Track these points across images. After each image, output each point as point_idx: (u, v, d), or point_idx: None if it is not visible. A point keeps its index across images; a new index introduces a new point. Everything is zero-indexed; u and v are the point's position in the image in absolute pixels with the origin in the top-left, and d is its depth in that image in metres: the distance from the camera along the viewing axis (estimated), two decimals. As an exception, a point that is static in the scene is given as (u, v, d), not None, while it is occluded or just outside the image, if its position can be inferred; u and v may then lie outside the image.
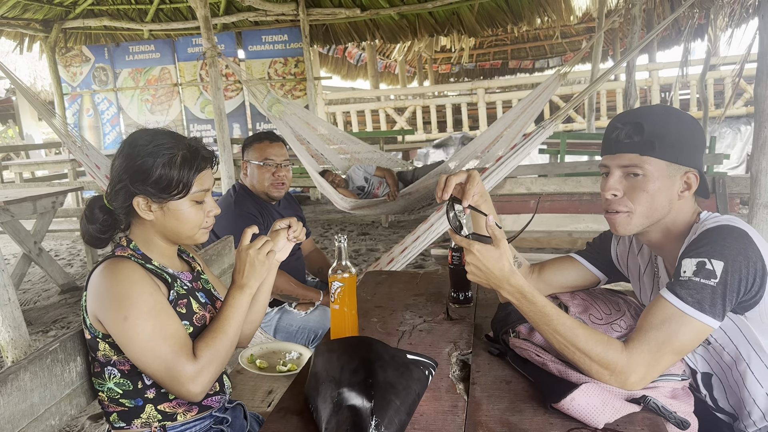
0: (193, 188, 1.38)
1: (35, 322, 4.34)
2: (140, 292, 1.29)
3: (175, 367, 1.27)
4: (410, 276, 2.17)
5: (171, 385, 1.29)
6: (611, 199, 1.31)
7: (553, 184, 3.57)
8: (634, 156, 1.27)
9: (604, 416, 1.08)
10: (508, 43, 18.45)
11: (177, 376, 1.27)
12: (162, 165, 1.34)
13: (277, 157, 2.60)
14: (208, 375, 1.30)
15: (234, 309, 1.39)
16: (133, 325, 1.26)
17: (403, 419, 1.09)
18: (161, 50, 9.39)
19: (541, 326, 1.23)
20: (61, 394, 1.34)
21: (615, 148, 1.30)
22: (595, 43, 7.04)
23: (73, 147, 4.36)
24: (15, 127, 17.04)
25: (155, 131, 1.42)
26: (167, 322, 1.30)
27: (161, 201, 1.37)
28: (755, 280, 1.16)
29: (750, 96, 9.20)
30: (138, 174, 1.35)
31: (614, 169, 1.30)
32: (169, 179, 1.34)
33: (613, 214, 1.32)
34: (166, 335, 1.28)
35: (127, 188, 1.36)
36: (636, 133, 1.27)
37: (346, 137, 6.48)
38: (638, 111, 1.32)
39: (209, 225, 1.46)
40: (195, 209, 1.41)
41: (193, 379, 1.28)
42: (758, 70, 2.61)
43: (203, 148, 1.43)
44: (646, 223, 1.31)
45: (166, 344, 1.28)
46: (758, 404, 1.29)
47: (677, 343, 1.14)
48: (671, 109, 1.33)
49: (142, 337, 1.27)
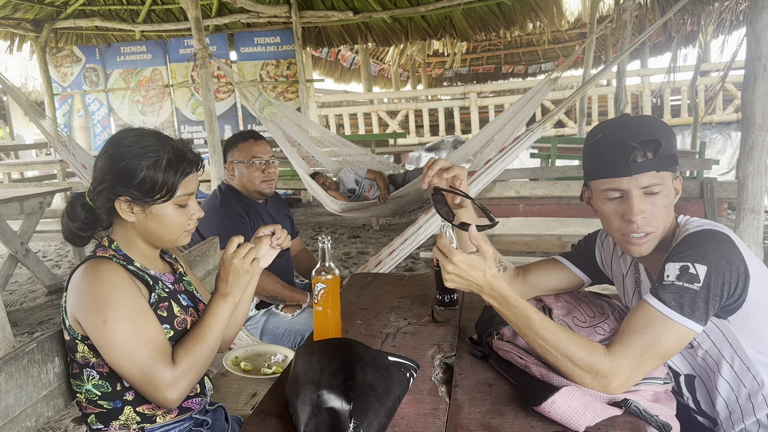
0: (178, 192, 1.36)
1: (21, 323, 4.30)
2: (121, 294, 1.27)
3: (153, 373, 1.25)
4: (397, 278, 2.16)
5: (147, 390, 1.27)
6: (641, 223, 1.25)
7: (543, 187, 3.58)
8: (652, 174, 1.22)
9: (585, 419, 1.07)
10: (501, 48, 18.51)
11: (154, 382, 1.25)
12: (146, 168, 1.31)
13: (264, 155, 2.58)
14: (185, 382, 1.29)
15: (216, 317, 1.37)
16: (112, 328, 1.24)
17: (382, 422, 1.08)
18: (153, 51, 9.36)
19: (523, 330, 1.22)
20: (37, 396, 1.31)
21: (632, 169, 1.22)
22: (586, 48, 7.06)
23: (59, 147, 4.33)
24: (5, 128, 16.94)
25: (141, 131, 1.39)
26: (147, 327, 1.28)
27: (144, 204, 1.34)
28: (738, 284, 1.16)
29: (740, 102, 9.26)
30: (121, 176, 1.32)
31: (634, 190, 1.24)
32: (153, 183, 1.32)
33: (641, 237, 1.27)
34: (145, 340, 1.26)
35: (109, 189, 1.33)
36: (651, 150, 1.22)
37: (337, 140, 6.47)
38: (642, 126, 1.25)
39: (191, 228, 1.44)
40: (178, 213, 1.39)
41: (170, 385, 1.26)
42: (746, 76, 2.63)
43: (190, 151, 1.40)
44: (661, 238, 1.29)
45: (144, 349, 1.26)
46: (740, 407, 1.29)
47: (660, 348, 1.14)
48: (657, 118, 1.33)
49: (120, 341, 1.25)
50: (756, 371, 1.24)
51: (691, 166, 5.92)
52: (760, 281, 1.20)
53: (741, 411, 1.29)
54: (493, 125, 4.99)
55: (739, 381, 1.27)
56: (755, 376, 1.25)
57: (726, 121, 9.46)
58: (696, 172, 6.28)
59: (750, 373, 1.25)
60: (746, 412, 1.28)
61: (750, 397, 1.26)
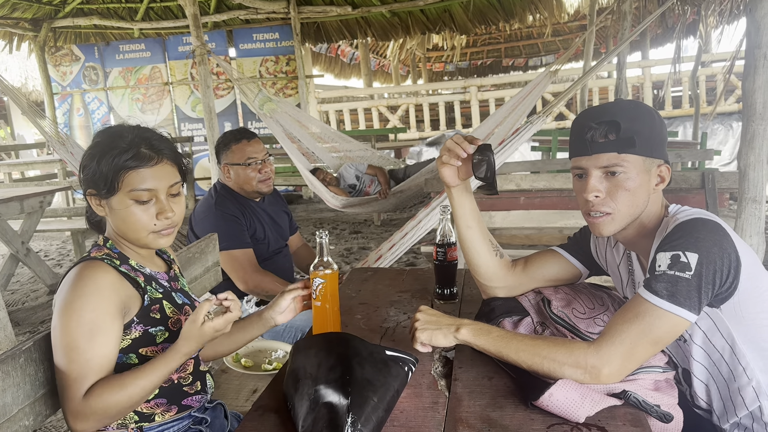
0: (128, 186, 1.30)
1: (23, 322, 4.30)
2: (82, 304, 1.23)
3: (67, 394, 1.22)
4: (396, 273, 2.16)
5: (62, 407, 1.25)
6: (595, 201, 1.28)
7: (544, 180, 3.56)
8: (612, 155, 1.24)
9: (584, 409, 1.07)
10: (501, 41, 18.46)
11: (62, 403, 1.23)
12: (94, 158, 1.31)
13: (258, 154, 2.56)
14: (92, 422, 1.22)
15: (155, 370, 1.26)
16: (57, 335, 1.23)
17: (380, 416, 1.08)
18: (152, 49, 9.33)
19: (503, 351, 1.23)
20: (35, 394, 1.31)
21: (591, 149, 1.26)
22: (586, 40, 7.04)
23: (57, 146, 4.34)
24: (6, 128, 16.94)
25: (119, 125, 1.38)
26: (84, 347, 1.22)
27: (101, 198, 1.34)
28: (730, 271, 1.15)
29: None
30: (85, 166, 1.34)
31: (592, 170, 1.27)
32: (96, 173, 1.31)
33: (597, 217, 1.29)
34: (75, 358, 1.21)
35: (82, 182, 1.36)
36: (612, 131, 1.23)
37: (337, 135, 6.47)
38: (608, 108, 1.29)
39: (161, 230, 1.36)
40: (138, 210, 1.32)
41: (75, 415, 1.21)
42: (746, 65, 2.61)
43: (147, 143, 1.33)
44: (627, 222, 1.29)
45: (70, 367, 1.21)
46: (732, 399, 1.28)
47: (652, 336, 1.13)
48: (638, 102, 1.32)
49: (58, 350, 1.23)
50: (746, 363, 1.24)
51: (692, 156, 5.89)
52: (752, 269, 1.19)
53: (733, 404, 1.28)
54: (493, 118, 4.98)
55: (730, 373, 1.26)
56: (745, 369, 1.24)
57: (727, 112, 9.42)
58: (698, 163, 6.25)
59: (740, 365, 1.24)
60: (738, 405, 1.27)
61: (740, 390, 1.26)
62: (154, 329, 1.36)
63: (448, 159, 1.42)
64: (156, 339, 1.36)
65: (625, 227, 1.31)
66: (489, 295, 1.59)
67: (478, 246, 1.54)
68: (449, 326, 1.28)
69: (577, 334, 1.31)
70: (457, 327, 1.28)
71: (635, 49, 13.60)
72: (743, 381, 1.25)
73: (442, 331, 1.28)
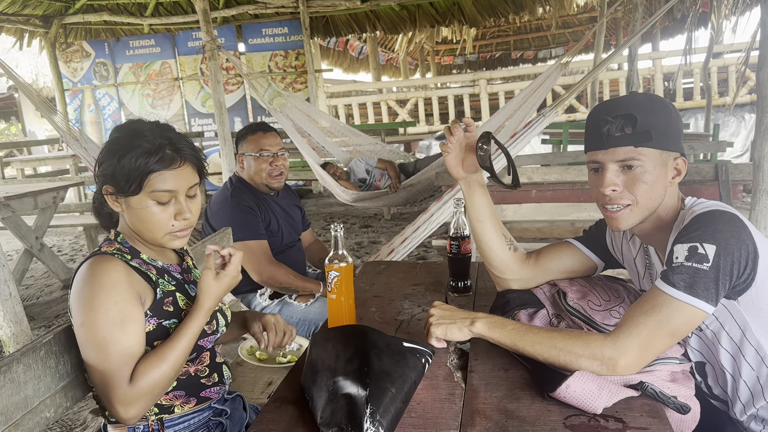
0: (153, 186, 1.31)
1: (38, 317, 4.35)
2: (105, 298, 1.24)
3: (110, 385, 1.22)
4: (409, 266, 2.16)
5: (106, 400, 1.25)
6: (612, 195, 1.27)
7: (555, 173, 3.55)
8: (629, 149, 1.23)
9: (601, 401, 1.07)
10: (510, 34, 18.34)
11: (110, 395, 1.22)
12: (119, 156, 1.30)
13: (272, 147, 2.57)
14: (142, 404, 1.24)
15: (186, 335, 1.31)
16: (86, 332, 1.24)
17: (398, 407, 1.08)
18: (161, 44, 9.36)
19: (519, 344, 1.23)
20: (56, 386, 1.33)
21: (607, 143, 1.25)
22: (597, 32, 6.99)
23: (70, 141, 4.37)
24: (18, 124, 17.07)
25: (138, 122, 1.38)
26: (119, 337, 1.23)
27: (120, 195, 1.33)
28: (748, 262, 1.15)
29: (754, 84, 9.13)
30: (103, 162, 1.33)
31: (609, 164, 1.26)
32: (122, 172, 1.30)
33: (616, 210, 1.29)
34: (112, 350, 1.23)
35: (99, 177, 1.35)
36: (628, 124, 1.23)
37: (347, 129, 6.46)
38: (624, 101, 1.28)
39: (178, 230, 1.37)
40: (158, 210, 1.33)
41: (124, 402, 1.22)
42: (760, 55, 2.59)
43: (171, 146, 1.33)
44: (645, 215, 1.29)
45: (109, 360, 1.22)
46: (750, 389, 1.28)
47: (669, 327, 1.13)
48: (654, 95, 1.31)
49: (90, 347, 1.24)
50: (765, 353, 1.23)
51: (704, 148, 5.85)
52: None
53: (752, 394, 1.28)
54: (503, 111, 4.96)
55: (748, 365, 1.26)
56: (763, 359, 1.24)
57: (740, 103, 9.33)
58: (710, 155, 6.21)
59: (759, 356, 1.24)
60: (756, 396, 1.27)
61: (759, 380, 1.26)
62: (168, 322, 1.36)
63: (444, 144, 1.47)
64: (170, 332, 1.35)
65: (643, 221, 1.31)
66: (503, 287, 1.60)
67: (488, 239, 1.55)
68: (464, 320, 1.29)
69: (593, 326, 1.31)
70: (471, 321, 1.28)
71: (645, 40, 13.49)
72: (762, 372, 1.25)
73: (457, 326, 1.29)
